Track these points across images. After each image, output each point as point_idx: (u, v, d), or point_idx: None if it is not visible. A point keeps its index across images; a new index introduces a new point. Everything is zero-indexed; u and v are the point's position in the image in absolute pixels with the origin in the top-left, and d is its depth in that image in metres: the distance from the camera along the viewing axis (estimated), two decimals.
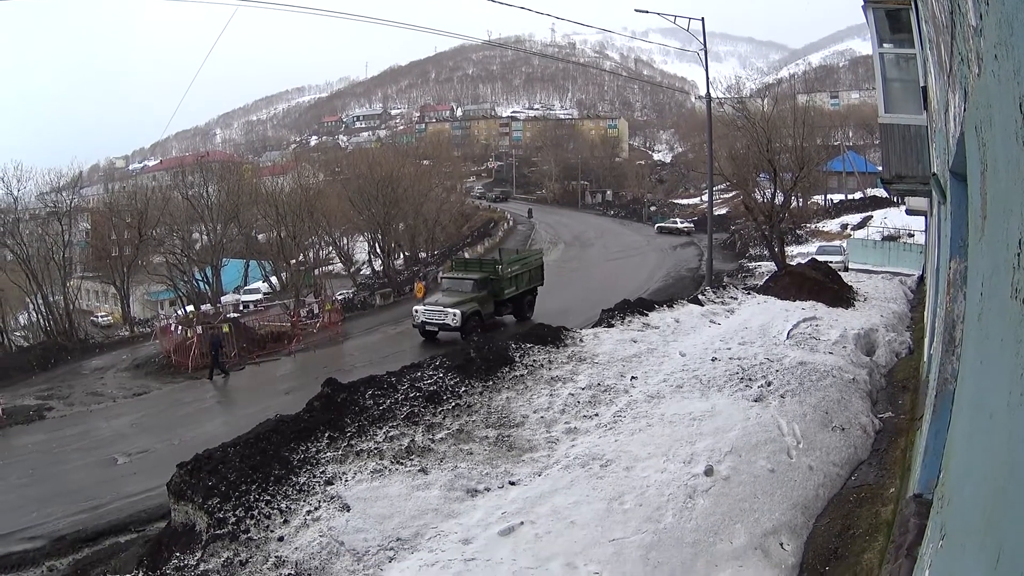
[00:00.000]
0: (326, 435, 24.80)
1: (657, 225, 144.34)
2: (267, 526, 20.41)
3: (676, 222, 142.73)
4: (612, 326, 38.92)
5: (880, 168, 34.67)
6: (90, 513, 32.33)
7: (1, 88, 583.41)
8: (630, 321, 39.65)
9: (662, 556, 18.37)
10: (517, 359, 32.22)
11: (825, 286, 48.68)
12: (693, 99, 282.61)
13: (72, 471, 38.61)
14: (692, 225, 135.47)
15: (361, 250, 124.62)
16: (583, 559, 18.26)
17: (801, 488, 21.99)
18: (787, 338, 35.66)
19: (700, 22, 62.32)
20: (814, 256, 70.85)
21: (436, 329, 57.49)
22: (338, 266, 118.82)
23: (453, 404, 27.98)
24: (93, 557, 28.71)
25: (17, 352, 74.47)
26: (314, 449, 24.06)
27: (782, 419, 25.56)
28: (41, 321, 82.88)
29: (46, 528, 31.28)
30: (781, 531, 20.07)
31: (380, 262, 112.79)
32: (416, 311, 58.20)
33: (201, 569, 18.90)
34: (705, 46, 62.18)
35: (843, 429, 25.98)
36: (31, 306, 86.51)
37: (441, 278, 69.76)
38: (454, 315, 55.57)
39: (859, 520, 20.34)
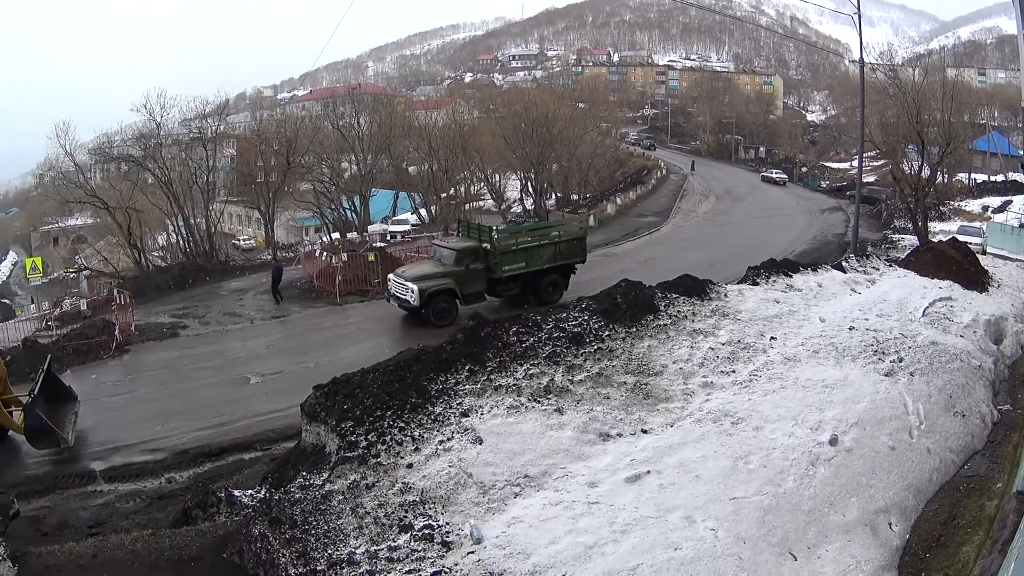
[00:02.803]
0: (466, 368, 24.98)
1: (761, 174, 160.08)
2: (398, 452, 20.69)
3: (773, 173, 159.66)
4: (757, 284, 38.52)
5: (1022, 152, 33.87)
6: (215, 429, 32.95)
7: (150, 17, 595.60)
8: (774, 281, 39.12)
9: (777, 520, 18.54)
10: (662, 308, 32.03)
11: (963, 267, 47.39)
12: (847, 62, 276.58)
13: (201, 388, 39.05)
14: (786, 176, 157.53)
15: (513, 188, 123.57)
16: (702, 514, 18.45)
17: (917, 470, 22.03)
18: (922, 315, 35.06)
19: None
20: (955, 235, 68.88)
21: (398, 304, 50.23)
22: (489, 202, 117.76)
23: (595, 347, 27.94)
24: (214, 472, 29.36)
25: (155, 271, 74.92)
26: (453, 381, 24.27)
27: (908, 397, 25.52)
28: (181, 242, 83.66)
29: (169, 441, 31.89)
30: (892, 511, 20.11)
31: (532, 201, 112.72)
32: (390, 279, 51.51)
33: (326, 489, 19.13)
34: (859, 9, 60.94)
35: (963, 416, 25.83)
36: (171, 227, 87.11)
37: (433, 243, 59.40)
38: (412, 291, 48.21)
39: (965, 511, 20.23)
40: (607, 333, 29.15)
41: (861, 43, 64.86)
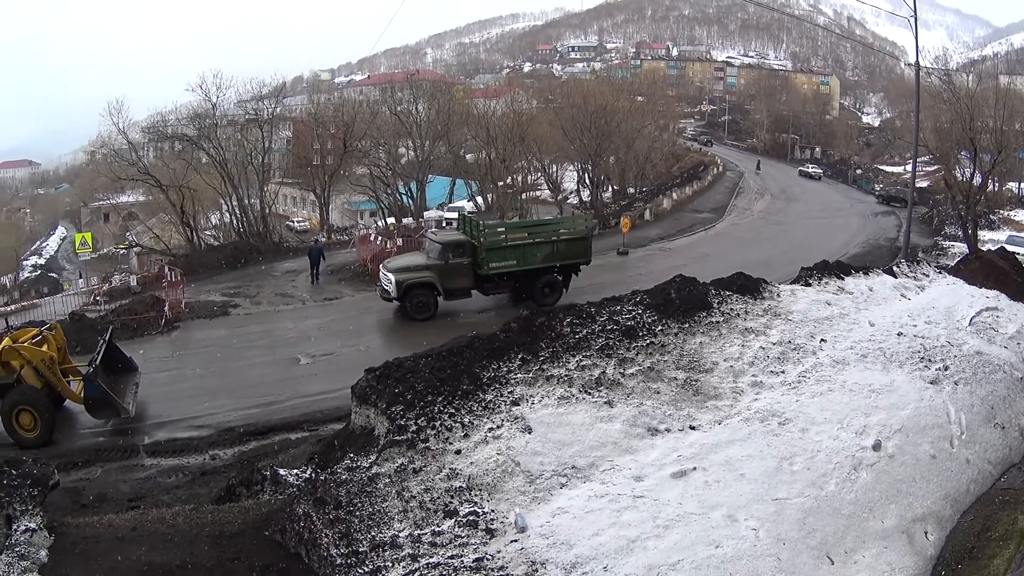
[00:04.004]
0: (519, 357, 24.92)
1: (799, 169, 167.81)
2: (447, 438, 20.70)
3: (809, 168, 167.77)
4: (809, 285, 37.89)
5: None
6: (263, 408, 33.34)
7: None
8: (826, 283, 38.47)
9: (817, 523, 18.57)
10: (715, 305, 31.56)
11: (1010, 277, 46.93)
12: (902, 65, 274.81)
13: (250, 367, 39.46)
14: (821, 171, 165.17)
15: (570, 179, 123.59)
16: (744, 513, 18.49)
17: (955, 480, 21.98)
18: (969, 324, 34.70)
19: None
20: (1003, 245, 68.60)
21: (380, 295, 49.72)
22: (545, 192, 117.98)
23: (648, 341, 27.69)
24: (260, 450, 29.73)
25: (207, 250, 75.98)
26: (505, 369, 24.21)
27: (952, 406, 25.30)
28: (234, 222, 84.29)
29: (215, 419, 32.25)
30: (929, 520, 20.12)
31: (588, 193, 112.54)
32: (380, 270, 50.73)
33: (373, 472, 19.20)
34: (915, 12, 60.49)
35: (1003, 428, 25.68)
36: (224, 207, 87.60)
37: (426, 235, 59.75)
38: (391, 282, 47.79)
39: (998, 524, 20.17)
40: (660, 328, 28.87)
41: (917, 47, 64.34)
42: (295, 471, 22.81)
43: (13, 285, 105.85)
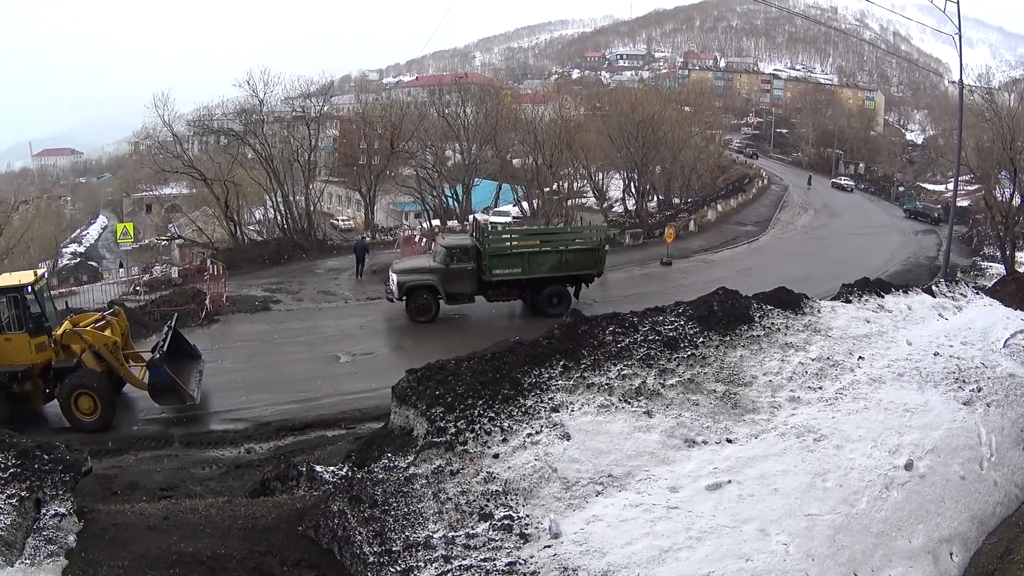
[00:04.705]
0: (561, 363, 24.90)
1: (832, 180, 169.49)
2: (485, 442, 20.79)
3: (841, 180, 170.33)
4: (849, 302, 37.65)
5: None
6: (301, 404, 33.59)
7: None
8: (866, 300, 38.23)
9: (847, 540, 18.60)
10: (756, 319, 31.46)
11: None
12: (947, 82, 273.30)
13: (289, 363, 39.75)
14: (852, 184, 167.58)
15: (615, 187, 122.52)
16: (776, 528, 18.53)
17: (983, 502, 22.00)
18: (1003, 346, 34.63)
19: (955, 4, 59.94)
20: None
21: (386, 296, 50.55)
22: (590, 200, 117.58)
23: (689, 353, 27.62)
24: (295, 445, 29.86)
25: (250, 245, 76.86)
26: (546, 375, 24.22)
27: (983, 428, 25.30)
28: (279, 218, 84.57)
29: (252, 412, 32.57)
30: (955, 541, 20.19)
31: (634, 202, 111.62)
32: (389, 270, 51.24)
33: (410, 472, 19.31)
34: (960, 31, 60.16)
35: None
36: (269, 203, 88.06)
37: (436, 239, 60.07)
38: (393, 282, 48.51)
39: (1020, 546, 20.16)
40: (701, 340, 28.81)
41: (962, 65, 63.80)
42: (331, 468, 22.94)
43: (52, 272, 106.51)
